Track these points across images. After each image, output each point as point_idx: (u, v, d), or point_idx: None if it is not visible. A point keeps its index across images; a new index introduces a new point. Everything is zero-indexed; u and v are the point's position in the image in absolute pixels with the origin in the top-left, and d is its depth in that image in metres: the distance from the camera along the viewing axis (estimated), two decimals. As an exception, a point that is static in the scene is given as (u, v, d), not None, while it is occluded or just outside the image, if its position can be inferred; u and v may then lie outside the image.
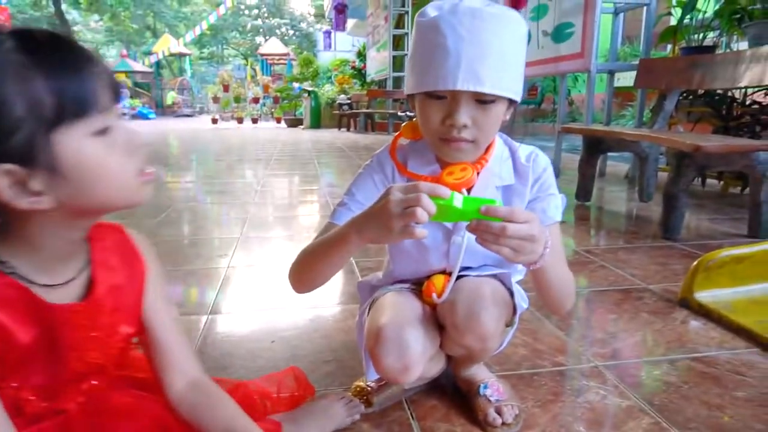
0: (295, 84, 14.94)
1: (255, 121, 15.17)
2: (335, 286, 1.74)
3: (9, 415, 0.64)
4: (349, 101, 11.93)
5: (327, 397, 1.01)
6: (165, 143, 8.34)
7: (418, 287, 0.99)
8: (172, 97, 19.85)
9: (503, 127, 0.88)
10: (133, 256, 0.77)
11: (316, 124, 12.49)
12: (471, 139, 0.83)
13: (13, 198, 0.57)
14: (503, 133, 0.95)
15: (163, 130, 11.52)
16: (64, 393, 0.70)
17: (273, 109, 15.55)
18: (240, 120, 15.10)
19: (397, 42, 10.03)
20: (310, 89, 12.98)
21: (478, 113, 0.81)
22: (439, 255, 0.96)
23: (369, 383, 1.04)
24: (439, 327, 0.94)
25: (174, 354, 0.78)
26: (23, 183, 0.57)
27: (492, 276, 0.95)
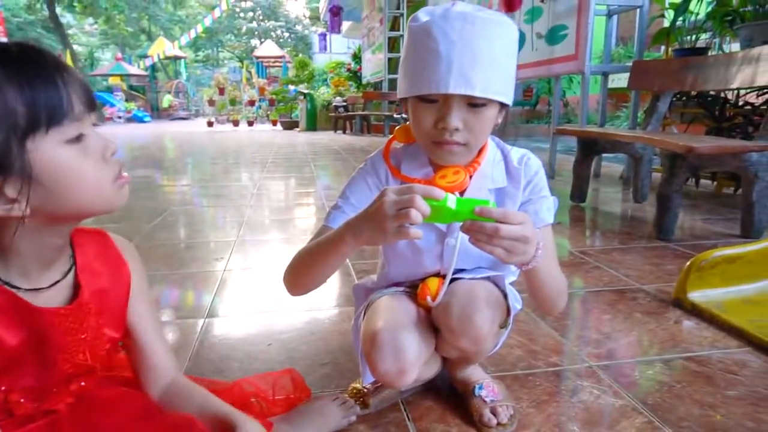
0: (291, 86, 14.99)
1: (251, 124, 15.17)
2: (332, 288, 1.74)
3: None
4: (345, 103, 11.95)
5: (321, 398, 1.02)
6: (160, 146, 8.34)
7: (412, 290, 0.99)
8: (168, 101, 19.78)
9: (495, 130, 0.89)
10: (117, 261, 0.78)
11: (311, 126, 12.49)
12: (463, 142, 0.84)
13: None
14: (495, 136, 0.97)
15: (159, 133, 11.49)
16: (53, 394, 0.71)
17: (269, 112, 15.55)
18: (236, 123, 15.12)
19: (393, 44, 10.06)
20: (305, 92, 13.00)
21: (469, 116, 0.82)
22: (433, 257, 0.97)
23: (365, 385, 1.05)
24: (434, 329, 0.94)
25: (156, 357, 0.81)
26: None
27: (485, 278, 0.95)
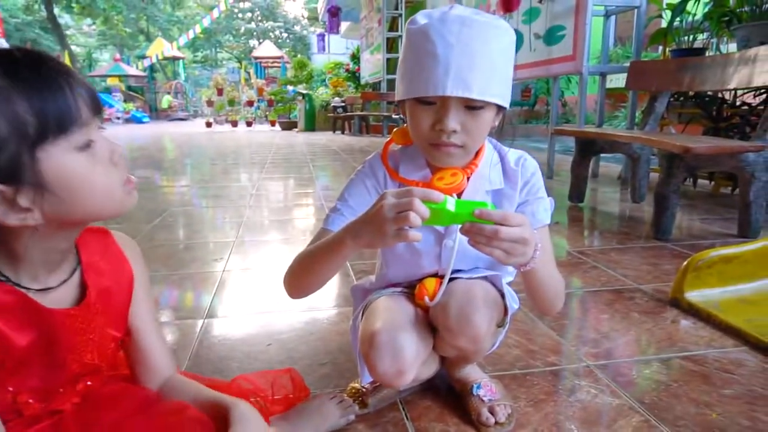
0: (290, 87, 14.98)
1: (249, 125, 15.18)
2: (331, 288, 1.75)
3: (3, 420, 0.65)
4: (344, 104, 11.95)
5: (319, 397, 1.02)
6: (159, 147, 8.33)
7: (410, 290, 1.00)
8: (167, 101, 19.74)
9: (492, 132, 0.90)
10: (120, 260, 0.79)
11: (310, 126, 12.49)
12: (460, 144, 0.85)
13: (2, 216, 0.59)
14: (492, 138, 0.97)
15: (158, 133, 11.48)
16: (60, 394, 0.72)
17: (267, 112, 15.56)
18: (234, 123, 15.12)
19: (391, 44, 10.07)
20: (304, 92, 13.00)
21: (467, 119, 0.83)
22: (431, 258, 0.98)
23: (364, 385, 1.06)
24: (432, 329, 0.95)
25: (155, 357, 0.82)
26: (11, 201, 0.59)
27: (483, 278, 0.96)
